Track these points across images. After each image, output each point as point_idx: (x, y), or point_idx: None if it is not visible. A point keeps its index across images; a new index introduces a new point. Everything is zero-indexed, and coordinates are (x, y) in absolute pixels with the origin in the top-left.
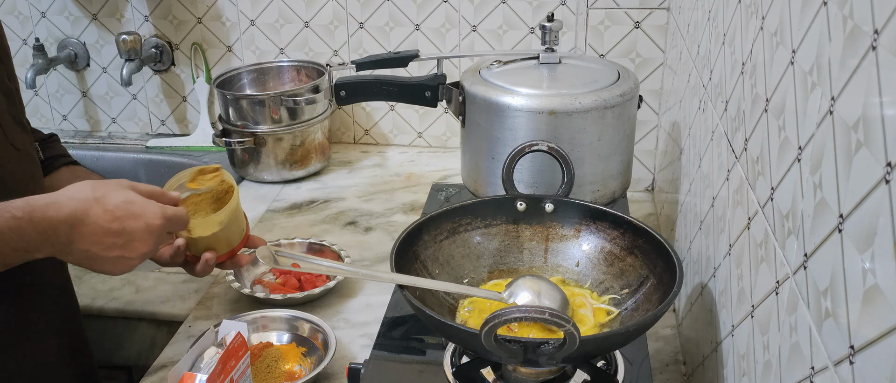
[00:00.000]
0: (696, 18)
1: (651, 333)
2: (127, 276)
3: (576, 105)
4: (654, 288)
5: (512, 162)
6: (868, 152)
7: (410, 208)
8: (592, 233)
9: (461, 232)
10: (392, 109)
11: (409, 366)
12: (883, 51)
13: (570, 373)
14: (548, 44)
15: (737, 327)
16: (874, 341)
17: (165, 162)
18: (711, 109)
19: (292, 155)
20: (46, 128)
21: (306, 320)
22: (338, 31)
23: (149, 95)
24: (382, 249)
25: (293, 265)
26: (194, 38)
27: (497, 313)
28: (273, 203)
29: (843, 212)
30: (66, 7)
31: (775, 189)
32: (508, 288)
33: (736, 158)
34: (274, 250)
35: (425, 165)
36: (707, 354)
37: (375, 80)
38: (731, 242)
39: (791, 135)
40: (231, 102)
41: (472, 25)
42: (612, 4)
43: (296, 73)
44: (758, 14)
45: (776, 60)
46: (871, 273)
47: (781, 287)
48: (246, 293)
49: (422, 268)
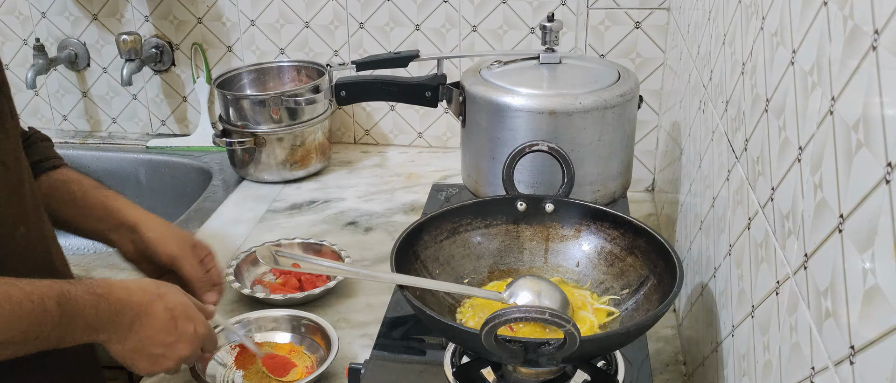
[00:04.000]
0: (696, 18)
1: (651, 333)
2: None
3: (576, 105)
4: (654, 289)
5: (512, 162)
6: (868, 152)
7: (410, 208)
8: (592, 234)
9: (461, 232)
10: (392, 109)
11: (409, 367)
12: (883, 51)
13: (570, 373)
14: (548, 44)
15: (737, 327)
16: (874, 341)
17: (165, 162)
18: (712, 109)
19: (292, 155)
20: (47, 128)
21: (308, 320)
22: (338, 32)
23: (149, 95)
24: (382, 249)
25: (293, 265)
26: (194, 39)
27: (497, 313)
28: (273, 203)
29: (844, 213)
30: (66, 7)
31: (775, 189)
32: (508, 289)
33: (736, 158)
34: (274, 250)
35: (425, 165)
36: (707, 354)
37: (375, 80)
38: (731, 242)
39: (791, 136)
40: (231, 102)
41: (472, 25)
42: (612, 4)
43: (296, 73)
44: (758, 14)
45: (776, 60)
46: (871, 273)
47: (782, 287)
48: (246, 293)
49: (422, 268)
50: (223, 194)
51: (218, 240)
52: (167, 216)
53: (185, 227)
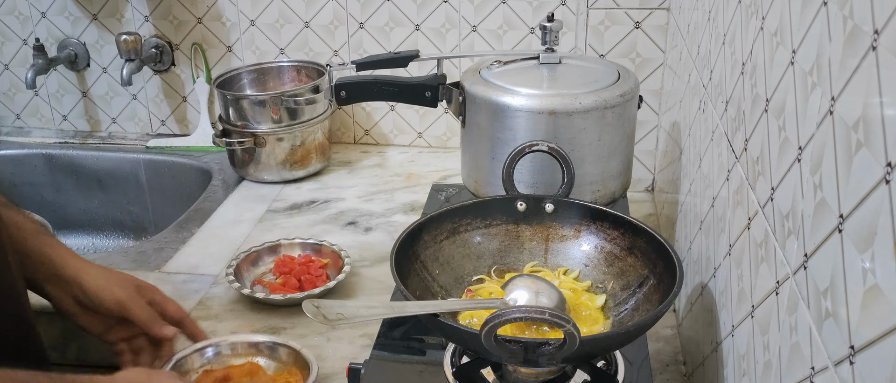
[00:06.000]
0: (696, 18)
1: (651, 333)
2: None
3: (576, 105)
4: (654, 289)
5: (512, 162)
6: (868, 152)
7: (410, 208)
8: (592, 234)
9: (461, 232)
10: (392, 109)
11: (409, 366)
12: (883, 51)
13: (570, 373)
14: (548, 44)
15: (737, 327)
16: (874, 341)
17: (165, 162)
18: (711, 109)
19: (292, 155)
20: (47, 128)
21: (282, 345)
22: (338, 32)
23: (149, 95)
24: (382, 249)
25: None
26: (194, 38)
27: (497, 313)
28: (273, 203)
29: (844, 213)
30: (66, 7)
31: (775, 189)
32: (505, 287)
33: (736, 158)
34: (316, 305)
35: (425, 165)
36: (707, 354)
37: (375, 81)
38: (731, 242)
39: (791, 136)
40: (231, 102)
41: (472, 25)
42: (612, 4)
43: (296, 73)
44: (758, 14)
45: (776, 60)
46: (871, 273)
47: (781, 287)
48: (246, 293)
49: (422, 268)
50: (223, 194)
51: (218, 240)
52: (167, 216)
53: (185, 227)
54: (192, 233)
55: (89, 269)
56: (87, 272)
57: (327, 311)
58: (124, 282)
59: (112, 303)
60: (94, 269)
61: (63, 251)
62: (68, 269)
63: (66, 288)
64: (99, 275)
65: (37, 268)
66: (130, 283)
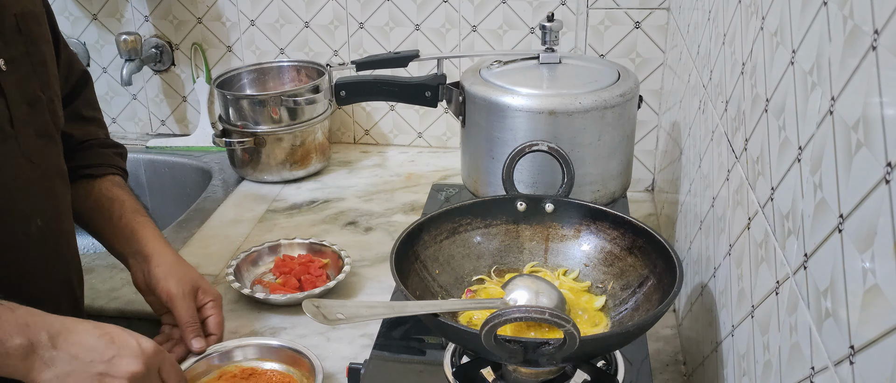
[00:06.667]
0: (696, 18)
1: (651, 333)
2: (127, 276)
3: (576, 105)
4: (654, 289)
5: (512, 162)
6: (868, 152)
7: (410, 208)
8: (592, 234)
9: (461, 232)
10: (392, 109)
11: (409, 366)
12: (883, 51)
13: (570, 373)
14: (548, 44)
15: (737, 327)
16: (874, 341)
17: (165, 162)
18: (711, 109)
19: (292, 155)
20: None
21: (288, 349)
22: (338, 31)
23: (149, 95)
24: (382, 249)
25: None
26: (194, 38)
27: (497, 313)
28: (273, 203)
29: (843, 212)
30: (66, 7)
31: (775, 189)
32: (505, 287)
33: (736, 158)
34: (316, 305)
35: (425, 165)
36: (707, 354)
37: (375, 80)
38: (731, 242)
39: (791, 135)
40: (231, 102)
41: (472, 25)
42: (612, 4)
43: (296, 73)
44: (758, 14)
45: (776, 60)
46: (871, 273)
47: (781, 287)
48: (246, 293)
49: (422, 268)
50: (223, 194)
51: (218, 240)
52: (167, 216)
53: (185, 227)
54: (192, 232)
55: (164, 255)
56: (160, 256)
57: (327, 311)
58: (185, 278)
59: (163, 293)
60: (167, 257)
61: (150, 232)
62: (147, 249)
63: (141, 265)
64: (168, 263)
65: (127, 241)
66: (190, 281)
